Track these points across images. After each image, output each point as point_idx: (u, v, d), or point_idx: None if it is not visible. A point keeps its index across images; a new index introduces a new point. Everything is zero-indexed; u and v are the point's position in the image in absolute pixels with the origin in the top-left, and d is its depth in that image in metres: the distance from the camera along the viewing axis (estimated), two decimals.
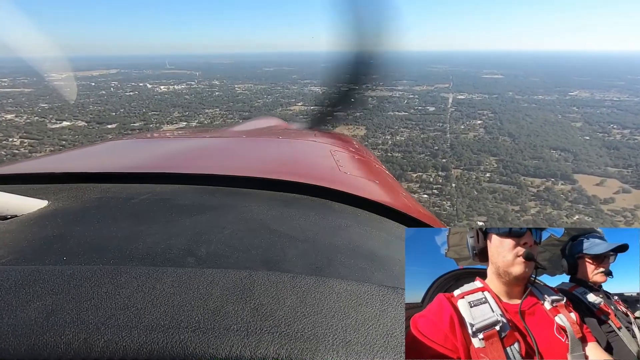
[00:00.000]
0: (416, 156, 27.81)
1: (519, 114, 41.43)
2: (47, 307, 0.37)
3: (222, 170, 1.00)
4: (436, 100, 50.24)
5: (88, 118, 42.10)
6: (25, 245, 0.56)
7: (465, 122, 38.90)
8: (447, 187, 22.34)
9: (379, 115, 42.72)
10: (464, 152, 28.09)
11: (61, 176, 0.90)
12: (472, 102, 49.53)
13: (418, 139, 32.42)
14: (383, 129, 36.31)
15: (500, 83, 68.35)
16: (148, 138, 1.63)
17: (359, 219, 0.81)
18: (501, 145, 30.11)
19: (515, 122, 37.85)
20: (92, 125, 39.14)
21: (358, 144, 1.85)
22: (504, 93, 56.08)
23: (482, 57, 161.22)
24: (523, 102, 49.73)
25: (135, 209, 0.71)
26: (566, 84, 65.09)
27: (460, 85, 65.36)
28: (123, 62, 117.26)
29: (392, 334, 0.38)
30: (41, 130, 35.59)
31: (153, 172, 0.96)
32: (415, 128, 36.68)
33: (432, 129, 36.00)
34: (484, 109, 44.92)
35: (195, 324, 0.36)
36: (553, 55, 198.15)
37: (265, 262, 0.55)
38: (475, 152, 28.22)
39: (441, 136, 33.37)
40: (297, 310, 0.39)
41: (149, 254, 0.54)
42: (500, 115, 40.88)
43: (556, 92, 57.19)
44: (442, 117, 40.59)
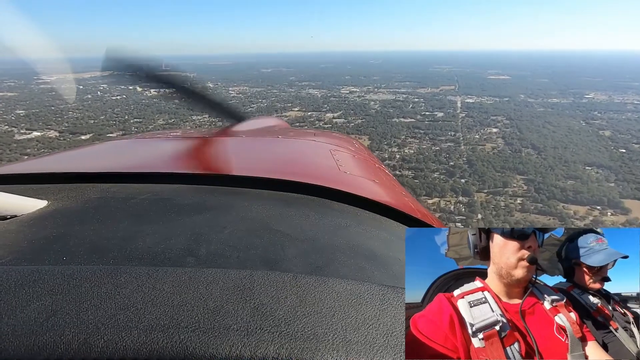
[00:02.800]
0: (429, 175, 23.84)
1: (538, 120, 37.56)
2: (47, 307, 0.37)
3: (222, 170, 1.03)
4: (444, 105, 46.46)
5: (62, 127, 38.36)
6: (24, 245, 0.56)
7: (480, 130, 35.00)
8: (473, 220, 18.30)
9: (382, 122, 39.11)
10: (486, 170, 24.10)
11: (61, 176, 0.90)
12: (482, 106, 45.74)
13: (429, 152, 28.47)
14: (389, 139, 32.35)
15: (508, 84, 64.81)
16: (148, 138, 1.63)
17: (358, 218, 0.81)
18: (526, 160, 26.14)
19: (535, 130, 33.94)
20: (64, 136, 35.41)
21: (358, 143, 1.82)
22: (514, 96, 52.41)
23: (485, 57, 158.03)
24: (538, 106, 46.01)
25: (135, 208, 0.71)
26: (578, 85, 61.56)
27: (466, 87, 61.79)
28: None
29: (392, 334, 0.37)
30: (4, 142, 31.62)
31: (153, 172, 0.96)
32: (425, 138, 32.74)
33: (444, 139, 32.07)
34: (497, 114, 41.12)
35: (195, 323, 0.36)
36: (557, 55, 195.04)
37: (265, 261, 0.56)
38: (498, 170, 24.20)
39: (455, 148, 29.43)
40: (297, 309, 0.39)
41: (149, 253, 0.55)
42: (517, 122, 37.00)
43: (570, 94, 53.56)
44: (452, 125, 36.70)
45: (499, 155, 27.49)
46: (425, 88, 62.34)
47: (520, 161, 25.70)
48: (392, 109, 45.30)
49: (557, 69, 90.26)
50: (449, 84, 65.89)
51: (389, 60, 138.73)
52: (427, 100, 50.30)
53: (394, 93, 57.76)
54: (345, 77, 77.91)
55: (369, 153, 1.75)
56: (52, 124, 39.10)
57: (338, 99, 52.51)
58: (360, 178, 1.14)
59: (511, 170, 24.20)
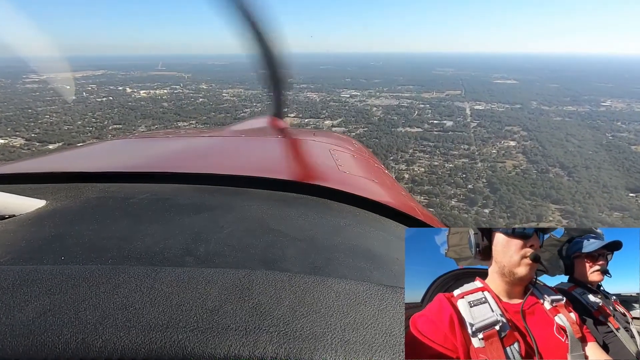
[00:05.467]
0: (446, 203, 20.12)
1: (558, 132, 34.00)
2: (45, 307, 0.37)
3: (221, 170, 1.02)
4: (452, 112, 42.92)
5: (32, 134, 34.48)
6: (23, 245, 0.56)
7: (495, 143, 31.40)
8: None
9: (387, 132, 35.47)
10: (512, 197, 20.41)
11: (59, 176, 0.90)
12: (494, 114, 42.22)
13: (443, 171, 24.81)
14: (394, 153, 28.67)
15: (517, 90, 61.50)
16: (146, 138, 1.61)
17: (358, 218, 0.81)
18: (557, 183, 22.47)
19: (558, 144, 30.36)
20: (30, 144, 31.57)
21: (357, 143, 1.79)
22: (526, 102, 49.01)
23: (488, 60, 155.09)
24: (554, 115, 42.59)
25: (133, 208, 0.71)
26: (590, 91, 58.31)
27: (473, 92, 58.33)
28: (113, 63, 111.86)
29: (391, 334, 0.37)
30: None
31: (151, 171, 0.96)
32: (435, 152, 29.09)
33: (457, 154, 28.45)
34: (512, 123, 37.63)
35: (193, 323, 0.36)
36: (562, 58, 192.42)
37: (264, 261, 0.56)
38: (527, 197, 20.53)
39: (471, 166, 25.79)
40: (295, 309, 0.39)
41: (147, 253, 0.55)
42: (536, 133, 33.43)
43: (585, 101, 50.22)
44: (464, 136, 33.08)
45: (523, 176, 23.82)
46: (430, 92, 58.98)
47: (550, 185, 22.01)
48: (397, 116, 41.76)
49: (565, 73, 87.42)
50: (454, 88, 62.59)
51: (390, 62, 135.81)
52: (434, 106, 46.86)
53: (397, 97, 54.31)
54: (346, 79, 74.83)
55: (369, 153, 1.73)
56: (21, 129, 35.41)
57: (338, 104, 48.95)
58: (359, 178, 1.14)
59: (543, 198, 20.47)
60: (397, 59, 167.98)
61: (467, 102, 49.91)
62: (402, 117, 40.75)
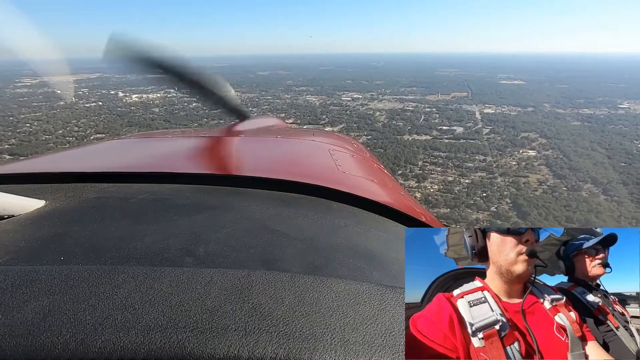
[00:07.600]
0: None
1: (580, 139, 30.95)
2: (44, 308, 0.37)
3: (220, 170, 1.04)
4: (461, 116, 39.88)
5: (5, 145, 31.57)
6: (22, 245, 0.56)
7: (513, 152, 28.36)
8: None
9: (392, 140, 32.51)
10: (545, 223, 17.37)
11: (59, 176, 0.90)
12: (506, 118, 39.18)
13: (460, 189, 21.82)
14: (402, 166, 25.66)
15: (526, 91, 58.42)
16: (146, 138, 1.62)
17: (357, 218, 0.82)
18: (595, 205, 19.49)
19: (584, 154, 27.33)
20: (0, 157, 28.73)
21: (357, 143, 1.79)
22: (538, 105, 45.93)
23: (491, 60, 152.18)
24: (571, 119, 39.50)
25: (133, 208, 0.71)
26: (604, 92, 55.24)
27: (480, 94, 55.28)
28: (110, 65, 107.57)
29: (391, 334, 0.38)
30: None
31: (151, 171, 0.96)
32: (448, 165, 26.05)
33: (473, 167, 25.41)
34: (527, 129, 34.57)
35: (193, 323, 0.36)
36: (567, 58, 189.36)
37: (264, 261, 0.56)
38: (563, 223, 17.54)
39: (490, 181, 22.80)
40: (295, 309, 0.39)
41: (147, 253, 0.55)
42: (557, 141, 30.39)
43: (600, 103, 47.16)
44: (478, 145, 30.03)
45: (552, 195, 20.80)
46: (435, 95, 55.99)
47: (587, 207, 19.02)
48: (402, 121, 38.72)
49: (572, 73, 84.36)
50: (460, 90, 59.58)
51: (391, 63, 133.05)
52: (440, 110, 43.78)
53: (401, 101, 51.26)
54: (347, 81, 71.91)
55: (369, 153, 1.72)
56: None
57: (339, 108, 45.92)
58: (359, 178, 1.14)
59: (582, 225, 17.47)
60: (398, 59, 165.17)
61: (476, 104, 46.85)
62: (408, 123, 37.74)
